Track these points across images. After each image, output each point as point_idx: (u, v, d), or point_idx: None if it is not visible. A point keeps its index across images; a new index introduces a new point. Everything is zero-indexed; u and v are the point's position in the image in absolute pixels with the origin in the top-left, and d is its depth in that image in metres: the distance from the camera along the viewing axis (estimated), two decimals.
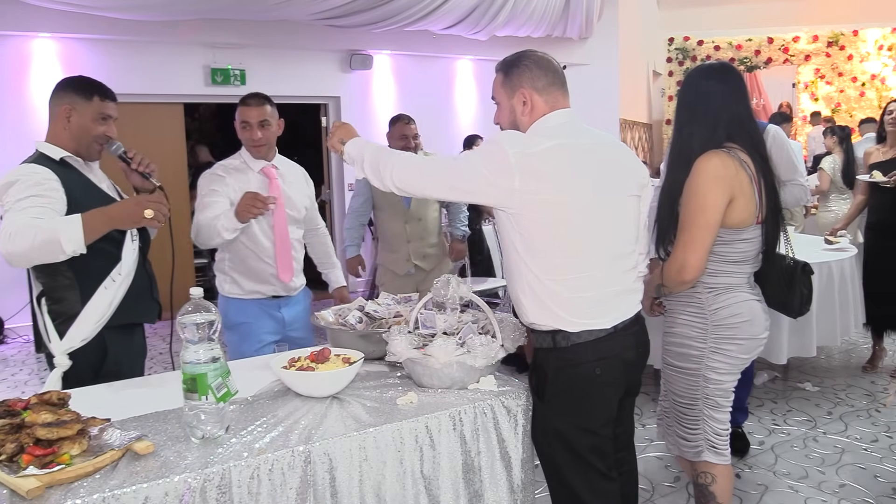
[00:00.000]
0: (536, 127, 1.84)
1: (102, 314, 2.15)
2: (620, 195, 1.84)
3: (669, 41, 11.40)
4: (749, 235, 2.10)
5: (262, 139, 2.76)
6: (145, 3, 5.74)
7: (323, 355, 1.92)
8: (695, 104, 2.12)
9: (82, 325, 2.13)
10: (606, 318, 1.81)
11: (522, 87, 1.86)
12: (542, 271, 1.77)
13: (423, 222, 4.07)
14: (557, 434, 1.84)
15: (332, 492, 1.59)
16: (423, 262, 4.05)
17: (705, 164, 2.03)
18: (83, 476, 1.39)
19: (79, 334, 2.13)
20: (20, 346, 5.91)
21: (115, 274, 2.18)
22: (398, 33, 7.35)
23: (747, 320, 2.11)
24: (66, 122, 2.20)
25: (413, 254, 4.03)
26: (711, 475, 2.17)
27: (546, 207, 1.73)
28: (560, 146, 1.76)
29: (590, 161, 1.79)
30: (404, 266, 4.04)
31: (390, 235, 4.04)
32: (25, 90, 6.24)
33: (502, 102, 1.92)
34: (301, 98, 7.68)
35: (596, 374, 1.81)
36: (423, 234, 4.07)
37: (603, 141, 1.88)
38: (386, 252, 4.09)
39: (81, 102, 2.21)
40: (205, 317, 1.57)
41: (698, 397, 2.14)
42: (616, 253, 1.82)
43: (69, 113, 2.20)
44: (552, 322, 1.80)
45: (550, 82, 1.86)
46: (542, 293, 1.79)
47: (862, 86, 10.87)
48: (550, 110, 1.85)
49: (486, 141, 1.80)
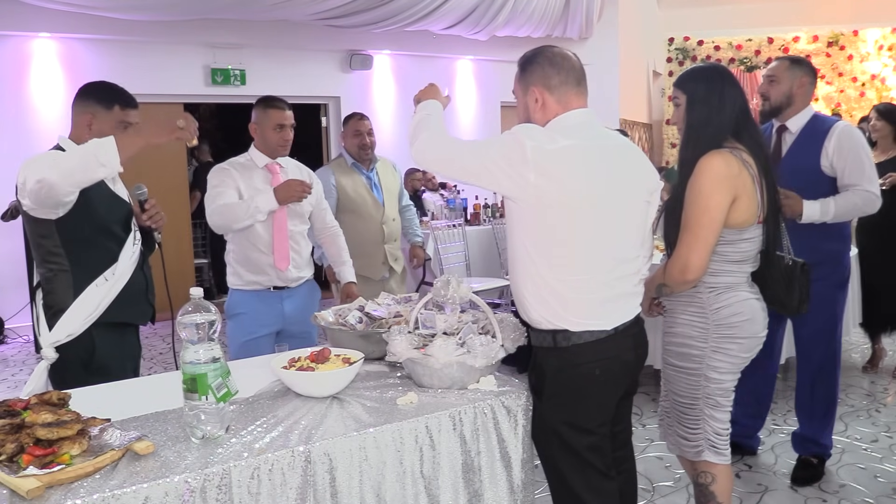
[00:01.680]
0: (554, 125, 1.83)
1: (90, 312, 2.17)
2: (630, 200, 1.84)
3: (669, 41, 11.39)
4: (751, 235, 2.11)
5: (290, 139, 2.96)
6: (145, 3, 5.74)
7: (323, 355, 1.92)
8: (706, 105, 2.11)
9: (70, 321, 2.16)
10: (608, 320, 1.82)
11: (534, 85, 1.86)
12: (548, 269, 1.77)
13: (395, 223, 4.03)
14: (556, 433, 1.85)
15: (332, 492, 1.59)
16: (395, 265, 4.01)
17: (708, 164, 2.04)
18: (83, 476, 1.39)
19: (65, 329, 2.16)
20: (20, 346, 5.91)
21: (109, 273, 2.20)
22: (398, 33, 7.34)
23: (748, 319, 2.11)
24: (88, 130, 2.24)
25: (389, 255, 3.94)
26: (711, 475, 2.17)
27: (558, 206, 1.73)
28: (576, 146, 1.75)
29: (604, 164, 1.79)
30: (380, 270, 3.91)
31: (364, 238, 3.81)
32: (25, 90, 6.24)
33: (518, 98, 1.93)
34: (301, 98, 7.68)
35: (595, 375, 1.82)
36: (396, 235, 4.04)
37: (618, 143, 1.88)
38: (357, 258, 3.63)
39: (102, 112, 2.25)
40: (205, 317, 1.57)
41: (699, 397, 2.14)
42: (621, 257, 1.83)
43: (90, 121, 2.24)
44: (555, 320, 1.80)
45: (563, 81, 1.85)
46: (547, 291, 1.79)
47: (862, 86, 10.86)
48: (563, 109, 1.84)
49: (506, 132, 1.79)
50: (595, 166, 1.77)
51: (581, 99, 1.87)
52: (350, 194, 3.87)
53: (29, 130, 6.24)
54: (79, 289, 2.17)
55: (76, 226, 2.18)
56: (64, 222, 2.17)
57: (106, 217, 2.27)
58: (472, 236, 6.29)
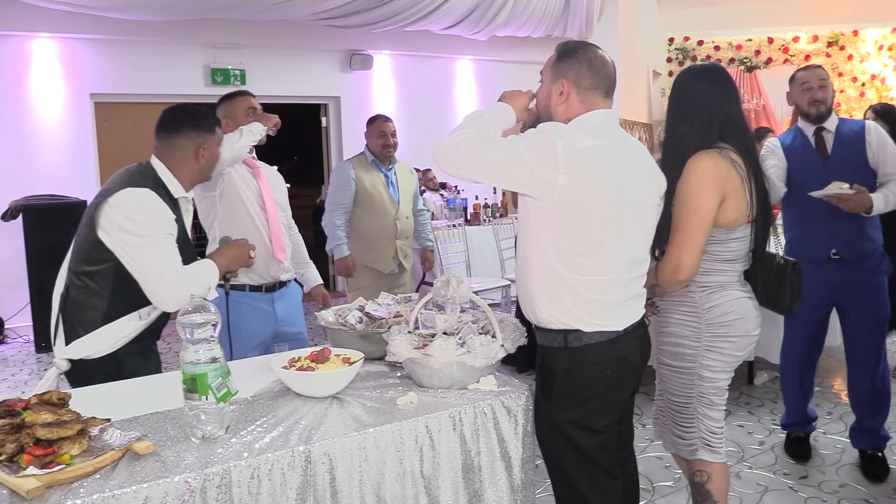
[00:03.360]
0: (578, 123, 1.82)
1: (117, 340, 2.14)
2: (645, 201, 1.85)
3: (669, 41, 11.39)
4: (740, 234, 2.12)
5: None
6: (145, 3, 5.73)
7: (323, 355, 1.92)
8: (688, 105, 2.15)
9: (92, 343, 2.11)
10: (619, 321, 1.82)
11: (566, 78, 1.84)
12: (567, 269, 1.77)
13: (409, 220, 4.14)
14: (563, 433, 1.84)
15: (332, 492, 1.59)
16: (405, 261, 4.10)
17: (697, 165, 2.05)
18: (83, 476, 1.39)
19: (86, 349, 2.11)
20: (20, 346, 5.91)
21: (145, 312, 2.17)
22: (398, 33, 7.34)
23: (740, 318, 2.12)
24: (196, 158, 2.24)
25: (399, 251, 4.06)
26: (707, 473, 2.18)
27: (582, 207, 1.73)
28: (602, 146, 1.75)
29: (625, 165, 1.79)
30: (390, 264, 4.04)
31: (377, 232, 4.01)
32: (25, 90, 6.24)
33: (545, 82, 1.92)
34: (301, 98, 7.69)
35: (606, 375, 1.82)
36: (409, 232, 4.13)
37: (635, 145, 1.89)
38: (368, 251, 4.03)
39: (209, 136, 2.27)
40: (205, 317, 1.57)
41: (692, 396, 2.15)
42: (634, 258, 1.84)
43: (201, 151, 2.24)
44: (568, 320, 1.80)
45: (594, 86, 1.84)
46: (563, 291, 1.79)
47: (862, 86, 10.86)
48: (585, 110, 1.84)
49: (532, 130, 1.76)
50: (618, 167, 1.77)
51: (606, 103, 1.88)
52: (368, 188, 4.00)
53: (29, 130, 6.25)
54: (110, 317, 2.11)
55: None
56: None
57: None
58: (472, 236, 6.29)
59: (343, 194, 4.01)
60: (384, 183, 4.09)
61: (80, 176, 6.24)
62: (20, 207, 5.67)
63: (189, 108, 2.29)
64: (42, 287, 5.58)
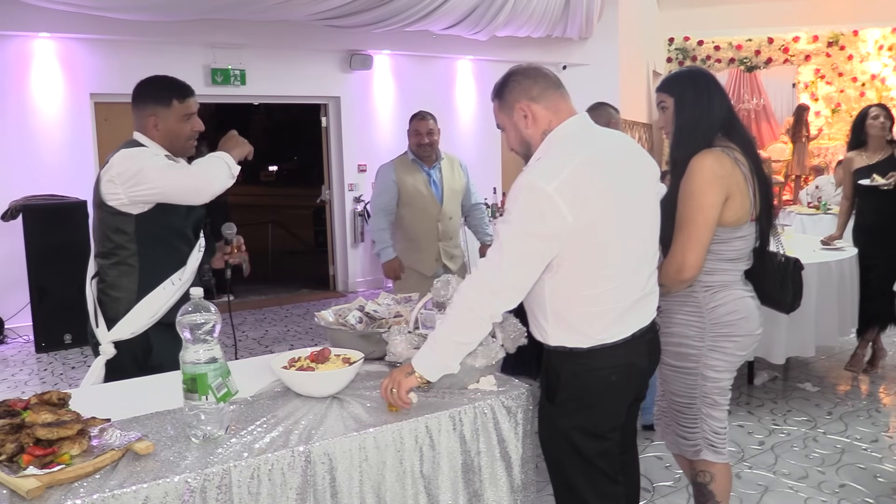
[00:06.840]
0: (552, 140, 1.78)
1: (156, 311, 2.18)
2: (643, 196, 1.82)
3: (669, 41, 11.40)
4: (744, 233, 2.11)
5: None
6: (145, 3, 5.73)
7: (323, 355, 1.92)
8: (696, 105, 2.11)
9: (134, 319, 2.16)
10: (626, 328, 1.79)
11: (518, 102, 1.81)
12: (571, 289, 1.74)
13: (452, 221, 4.02)
14: (566, 437, 1.83)
15: (332, 492, 1.59)
16: (451, 263, 3.99)
17: (701, 164, 2.04)
18: (83, 476, 1.39)
19: (129, 327, 2.16)
20: (20, 346, 5.91)
21: (176, 277, 2.20)
22: (398, 33, 7.34)
23: (744, 317, 2.12)
24: (155, 130, 2.24)
25: (443, 253, 3.97)
26: (710, 474, 2.17)
27: (587, 229, 1.68)
28: (587, 162, 1.70)
29: (617, 167, 1.75)
30: (433, 266, 3.94)
31: (419, 234, 3.92)
32: (25, 90, 6.24)
33: (506, 126, 1.87)
34: (301, 98, 7.68)
35: (611, 381, 1.79)
36: (452, 233, 4.02)
37: (620, 141, 1.85)
38: (412, 252, 3.93)
39: (162, 110, 2.24)
40: (205, 317, 1.57)
41: (696, 396, 2.14)
42: (641, 256, 1.80)
43: (155, 122, 2.24)
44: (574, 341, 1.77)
45: (544, 88, 1.81)
46: (566, 310, 1.76)
47: (862, 86, 10.87)
48: (554, 115, 1.80)
49: (518, 192, 1.69)
50: (609, 175, 1.72)
51: (567, 101, 1.83)
52: (409, 190, 3.91)
53: (29, 130, 6.24)
54: (144, 288, 2.16)
55: (155, 224, 2.18)
56: (143, 220, 2.16)
57: (184, 219, 2.27)
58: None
59: (384, 197, 3.94)
60: (426, 182, 3.96)
61: (80, 176, 6.23)
62: (20, 207, 5.67)
63: (152, 80, 2.29)
64: (42, 287, 5.58)
